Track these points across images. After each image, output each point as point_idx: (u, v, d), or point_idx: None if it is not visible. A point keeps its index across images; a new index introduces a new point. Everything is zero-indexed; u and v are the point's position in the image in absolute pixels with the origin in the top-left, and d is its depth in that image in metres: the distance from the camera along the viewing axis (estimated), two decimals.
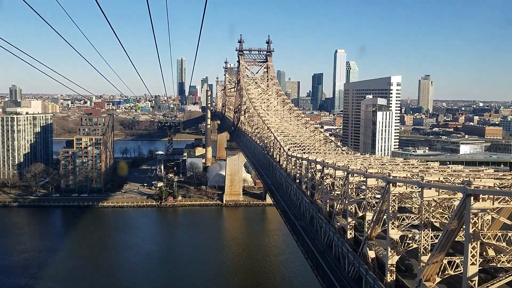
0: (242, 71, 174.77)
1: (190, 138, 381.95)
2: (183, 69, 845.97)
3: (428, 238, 34.23)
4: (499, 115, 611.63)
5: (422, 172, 42.59)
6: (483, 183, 28.24)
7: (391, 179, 37.81)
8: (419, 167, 50.63)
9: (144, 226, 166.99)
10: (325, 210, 59.13)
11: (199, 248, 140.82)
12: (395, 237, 38.34)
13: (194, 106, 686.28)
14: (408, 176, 38.92)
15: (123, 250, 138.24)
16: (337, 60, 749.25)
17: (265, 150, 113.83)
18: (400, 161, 60.95)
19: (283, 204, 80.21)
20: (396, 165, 55.31)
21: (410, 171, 43.60)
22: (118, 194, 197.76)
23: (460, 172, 42.87)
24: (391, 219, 38.23)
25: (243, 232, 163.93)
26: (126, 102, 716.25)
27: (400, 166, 53.12)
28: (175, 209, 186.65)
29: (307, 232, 64.14)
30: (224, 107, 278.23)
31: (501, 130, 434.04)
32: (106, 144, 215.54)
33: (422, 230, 34.21)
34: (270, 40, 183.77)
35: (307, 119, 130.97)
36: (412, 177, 38.60)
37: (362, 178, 48.23)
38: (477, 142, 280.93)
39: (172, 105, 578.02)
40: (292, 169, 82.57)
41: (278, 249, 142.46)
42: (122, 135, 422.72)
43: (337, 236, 51.61)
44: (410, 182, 36.54)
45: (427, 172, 43.24)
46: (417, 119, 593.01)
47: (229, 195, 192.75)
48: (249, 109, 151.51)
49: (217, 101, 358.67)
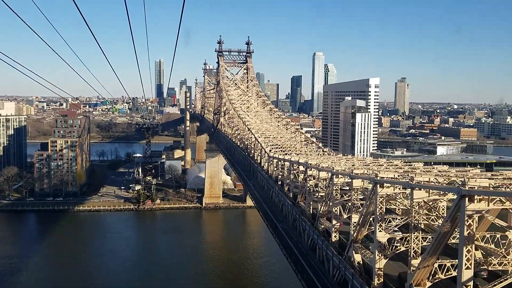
0: (222, 72, 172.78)
1: (169, 140, 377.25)
2: (161, 71, 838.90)
3: (418, 241, 33.03)
4: (473, 117, 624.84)
5: (407, 172, 41.62)
6: (478, 183, 27.16)
7: (379, 180, 36.62)
8: (403, 168, 49.73)
9: (121, 230, 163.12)
10: (308, 213, 57.80)
11: (178, 252, 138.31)
12: (382, 240, 37.15)
13: (172, 108, 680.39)
14: (396, 176, 37.82)
15: (100, 255, 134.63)
16: (316, 63, 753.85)
17: (245, 151, 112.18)
18: (384, 162, 60.11)
19: (265, 206, 78.61)
20: (380, 166, 54.38)
21: (396, 171, 42.51)
22: (95, 198, 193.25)
23: (447, 173, 42.02)
24: (379, 221, 37.04)
25: (223, 235, 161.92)
26: (103, 104, 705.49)
27: (384, 167, 52.19)
28: (153, 212, 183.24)
29: (289, 235, 62.67)
30: (203, 109, 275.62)
31: (475, 132, 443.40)
32: (82, 146, 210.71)
33: (412, 232, 33.02)
34: (249, 41, 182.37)
35: (288, 120, 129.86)
36: (400, 177, 37.50)
37: (347, 179, 47.08)
38: (453, 143, 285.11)
39: (150, 107, 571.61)
40: (273, 170, 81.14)
41: (258, 251, 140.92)
42: (99, 137, 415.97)
43: (321, 239, 50.30)
44: (399, 183, 35.40)
45: (413, 172, 42.25)
46: (394, 121, 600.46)
47: (208, 197, 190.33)
48: (229, 111, 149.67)
49: (196, 103, 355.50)
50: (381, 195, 36.78)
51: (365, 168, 46.78)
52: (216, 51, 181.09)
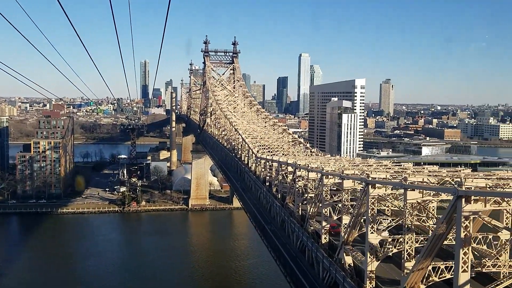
0: (208, 72, 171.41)
1: (154, 141, 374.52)
2: (147, 72, 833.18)
3: (412, 243, 32.32)
4: (456, 118, 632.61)
5: (398, 173, 40.97)
6: (475, 183, 26.52)
7: (370, 180, 35.88)
8: (394, 168, 49.16)
9: (106, 232, 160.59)
10: (297, 214, 56.93)
11: (164, 254, 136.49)
12: (374, 242, 36.40)
13: (158, 109, 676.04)
14: (387, 177, 37.12)
15: (84, 258, 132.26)
16: (302, 64, 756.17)
17: (232, 152, 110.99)
18: (373, 162, 59.55)
19: (253, 208, 77.53)
20: (369, 166, 53.78)
21: (387, 172, 41.85)
22: (79, 200, 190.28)
23: (439, 173, 41.48)
24: (370, 222, 36.29)
25: (209, 237, 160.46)
26: (87, 105, 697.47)
27: (374, 167, 51.55)
28: (139, 214, 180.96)
29: (278, 237, 61.72)
30: (190, 110, 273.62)
31: (459, 132, 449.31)
32: (65, 148, 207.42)
33: (406, 234, 32.30)
34: (236, 41, 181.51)
35: (275, 120, 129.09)
36: (391, 178, 36.81)
37: (337, 180, 46.32)
38: (438, 144, 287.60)
39: (135, 108, 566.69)
40: (261, 171, 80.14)
41: (245, 253, 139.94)
42: (83, 138, 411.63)
43: (311, 241, 49.43)
44: (392, 184, 34.67)
45: (404, 173, 41.62)
46: (379, 122, 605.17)
47: (195, 199, 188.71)
48: (215, 111, 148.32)
49: (182, 104, 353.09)
50: (372, 196, 36.05)
51: (354, 169, 46.06)
52: (202, 51, 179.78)
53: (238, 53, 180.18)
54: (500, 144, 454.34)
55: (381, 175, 36.90)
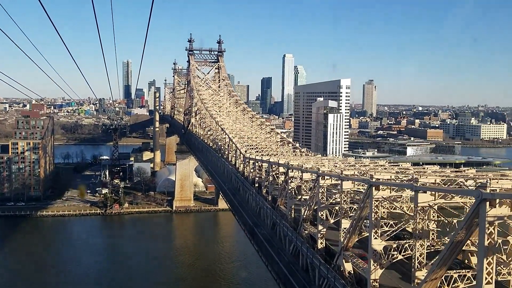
0: (193, 71, 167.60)
1: (137, 142, 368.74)
2: (129, 72, 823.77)
3: (423, 250, 29.73)
4: (437, 118, 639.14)
5: (401, 173, 38.45)
6: (500, 185, 23.92)
7: (374, 182, 33.24)
8: (393, 168, 46.71)
9: (87, 236, 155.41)
10: (290, 217, 54.14)
11: (147, 258, 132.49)
12: (378, 248, 33.77)
13: (141, 109, 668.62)
14: (393, 178, 34.53)
15: (63, 263, 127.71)
16: (285, 64, 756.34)
17: (219, 153, 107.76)
18: (369, 163, 57.10)
19: (241, 210, 74.40)
20: (365, 166, 51.31)
21: (388, 172, 39.28)
22: (59, 202, 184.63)
23: (444, 173, 39.06)
24: (374, 227, 33.65)
25: (194, 240, 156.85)
26: (68, 105, 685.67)
27: (371, 168, 49.07)
28: (121, 217, 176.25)
29: (269, 242, 58.82)
30: (173, 110, 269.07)
31: (441, 133, 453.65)
32: (45, 148, 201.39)
33: (417, 241, 29.70)
34: (221, 40, 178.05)
35: (263, 120, 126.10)
36: (396, 179, 34.25)
37: (334, 181, 43.70)
38: (423, 144, 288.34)
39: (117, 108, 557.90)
40: (250, 172, 77.14)
41: (230, 256, 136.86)
42: (64, 139, 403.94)
43: (306, 245, 46.69)
44: (401, 185, 32.07)
45: (407, 173, 39.14)
46: (362, 122, 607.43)
47: (179, 201, 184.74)
48: (200, 111, 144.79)
49: (165, 104, 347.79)
50: (376, 199, 33.43)
51: (351, 169, 43.42)
52: (187, 49, 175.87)
53: (223, 51, 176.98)
54: (481, 144, 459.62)
55: (384, 176, 34.28)
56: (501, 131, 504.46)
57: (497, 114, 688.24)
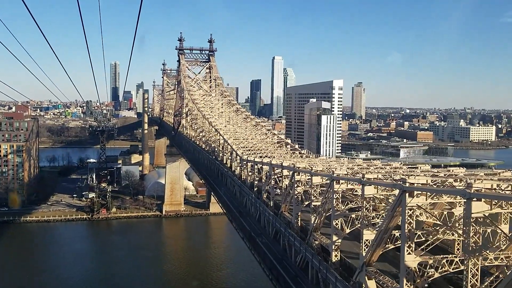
0: (183, 71, 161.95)
1: (125, 145, 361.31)
2: (117, 74, 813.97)
3: (477, 270, 24.79)
4: (426, 121, 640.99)
5: (436, 177, 33.43)
6: None
7: (409, 187, 28.28)
8: (414, 171, 41.82)
9: (72, 242, 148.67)
10: (296, 225, 48.98)
11: (135, 265, 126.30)
12: (412, 265, 28.79)
13: (129, 112, 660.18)
14: (429, 183, 29.56)
15: (46, 271, 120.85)
16: (275, 67, 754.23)
17: (212, 155, 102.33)
18: (379, 164, 52.25)
19: (240, 217, 68.94)
20: (379, 169, 46.45)
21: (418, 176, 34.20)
22: (44, 207, 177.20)
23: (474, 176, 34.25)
24: (407, 240, 28.66)
25: (184, 245, 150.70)
26: (55, 108, 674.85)
27: (387, 171, 44.17)
28: (109, 222, 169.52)
29: (272, 251, 53.58)
30: (162, 112, 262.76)
31: (431, 135, 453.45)
32: (29, 151, 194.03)
33: (470, 258, 24.79)
34: (212, 39, 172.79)
35: (258, 120, 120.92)
36: (433, 184, 29.29)
37: (350, 186, 38.70)
38: (416, 146, 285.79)
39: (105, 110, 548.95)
40: (248, 175, 71.86)
41: (222, 262, 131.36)
42: (50, 142, 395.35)
43: (318, 258, 41.57)
44: (451, 192, 27.04)
45: (444, 177, 34.15)
46: (352, 124, 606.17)
47: (169, 205, 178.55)
48: (191, 111, 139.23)
49: (154, 106, 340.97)
50: (410, 207, 28.47)
51: (375, 172, 38.43)
52: (177, 48, 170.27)
53: (215, 51, 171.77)
54: (471, 146, 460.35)
55: (420, 180, 29.31)
56: (490, 133, 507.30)
57: (484, 116, 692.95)
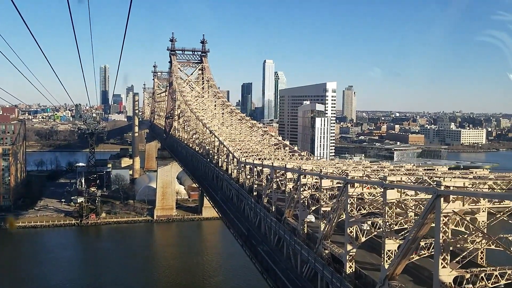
0: (175, 72, 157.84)
1: (115, 148, 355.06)
2: (107, 77, 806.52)
3: None
4: (416, 124, 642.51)
5: (468, 179, 29.81)
6: None
7: (444, 190, 24.64)
8: (435, 173, 38.32)
9: (61, 248, 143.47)
10: (302, 232, 45.20)
11: (126, 272, 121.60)
12: (447, 280, 25.15)
13: (118, 115, 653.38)
14: (467, 186, 25.95)
15: (35, 279, 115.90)
16: (266, 70, 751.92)
17: (207, 158, 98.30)
18: (390, 166, 48.69)
19: (238, 223, 64.96)
20: (391, 170, 42.89)
21: (464, 179, 30.37)
22: (31, 212, 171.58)
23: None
24: (442, 251, 25.01)
25: (176, 252, 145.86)
26: (43, 111, 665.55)
27: (402, 172, 40.59)
28: (98, 227, 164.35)
29: (274, 260, 49.70)
30: (153, 114, 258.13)
31: (423, 138, 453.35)
32: (16, 155, 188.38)
33: None
34: (205, 40, 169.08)
35: (254, 122, 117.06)
36: (472, 186, 25.70)
37: (367, 189, 35.03)
38: (410, 148, 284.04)
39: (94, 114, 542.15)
40: (245, 179, 67.97)
41: (214, 268, 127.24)
42: (38, 146, 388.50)
43: (329, 269, 37.79)
44: (503, 197, 23.47)
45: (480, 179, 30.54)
46: (343, 127, 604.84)
47: (160, 209, 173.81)
48: (184, 113, 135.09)
49: (144, 109, 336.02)
50: (446, 213, 24.84)
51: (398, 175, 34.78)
52: (169, 49, 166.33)
53: (207, 52, 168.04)
54: (462, 149, 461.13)
55: (457, 183, 25.69)
56: (481, 136, 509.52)
57: (474, 119, 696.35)
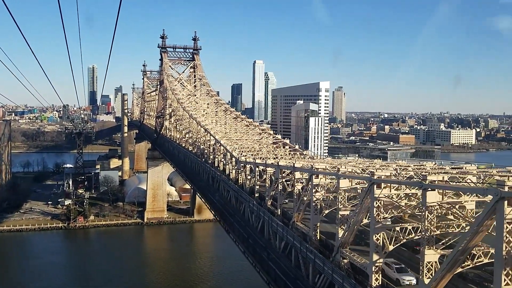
0: (166, 69, 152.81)
1: (104, 149, 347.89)
2: (95, 77, 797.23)
3: None
4: (405, 124, 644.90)
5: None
6: None
7: (508, 192, 20.37)
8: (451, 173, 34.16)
9: (48, 252, 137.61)
10: (315, 238, 40.80)
11: (116, 276, 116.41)
12: None
13: (107, 116, 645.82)
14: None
15: (22, 284, 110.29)
16: (256, 71, 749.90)
17: (202, 158, 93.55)
18: (403, 164, 44.49)
19: (238, 228, 60.31)
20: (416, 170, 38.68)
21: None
22: (16, 215, 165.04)
23: None
24: (505, 266, 20.72)
25: (167, 255, 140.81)
26: (30, 112, 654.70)
27: (437, 171, 36.41)
28: (86, 230, 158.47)
29: (283, 270, 45.16)
30: (143, 115, 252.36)
31: (413, 138, 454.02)
32: (0, 156, 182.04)
33: None
34: (197, 37, 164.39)
35: (250, 120, 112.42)
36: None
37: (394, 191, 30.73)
38: (403, 148, 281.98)
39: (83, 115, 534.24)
40: (246, 180, 63.44)
41: (206, 273, 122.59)
42: (25, 147, 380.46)
43: (350, 281, 33.37)
44: None
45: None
46: (333, 128, 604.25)
47: (151, 212, 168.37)
48: (176, 112, 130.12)
49: (133, 110, 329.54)
50: (509, 219, 20.59)
51: (439, 174, 30.59)
52: (159, 46, 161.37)
53: (199, 49, 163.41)
54: (452, 149, 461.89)
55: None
56: (470, 137, 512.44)
57: (462, 120, 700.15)
